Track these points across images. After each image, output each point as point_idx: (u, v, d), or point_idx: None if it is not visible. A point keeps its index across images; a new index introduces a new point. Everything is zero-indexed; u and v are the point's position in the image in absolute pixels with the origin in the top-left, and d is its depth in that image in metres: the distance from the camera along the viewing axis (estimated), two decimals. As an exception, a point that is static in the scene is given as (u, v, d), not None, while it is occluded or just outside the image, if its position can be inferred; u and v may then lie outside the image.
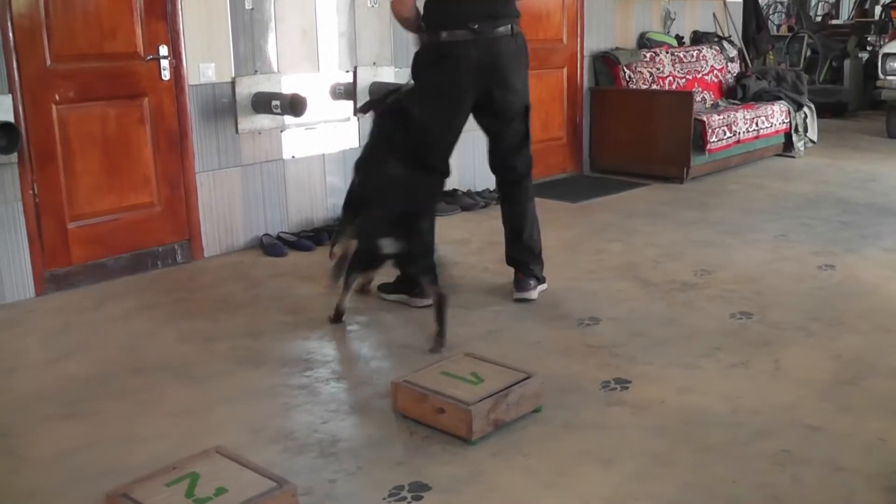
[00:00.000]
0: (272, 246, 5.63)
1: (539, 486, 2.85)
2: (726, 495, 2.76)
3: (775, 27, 12.82)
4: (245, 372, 3.80)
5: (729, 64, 9.32)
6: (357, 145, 6.18)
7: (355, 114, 5.79)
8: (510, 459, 3.02)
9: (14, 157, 4.65)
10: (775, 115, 8.38)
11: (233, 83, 5.53)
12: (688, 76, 8.66)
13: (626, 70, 8.08)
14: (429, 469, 2.96)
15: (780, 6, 13.68)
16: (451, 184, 6.27)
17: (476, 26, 4.23)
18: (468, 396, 3.15)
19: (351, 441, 3.17)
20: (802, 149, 8.77)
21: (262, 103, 5.55)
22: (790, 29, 12.73)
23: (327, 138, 6.11)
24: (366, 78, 5.97)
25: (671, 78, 8.48)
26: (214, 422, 3.36)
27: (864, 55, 11.98)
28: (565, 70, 7.95)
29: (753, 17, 10.76)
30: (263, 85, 5.66)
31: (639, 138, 7.60)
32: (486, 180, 7.22)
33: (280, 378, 3.73)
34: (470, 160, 7.04)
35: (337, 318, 4.34)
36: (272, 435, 3.22)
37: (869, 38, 12.36)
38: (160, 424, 3.34)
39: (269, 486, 2.63)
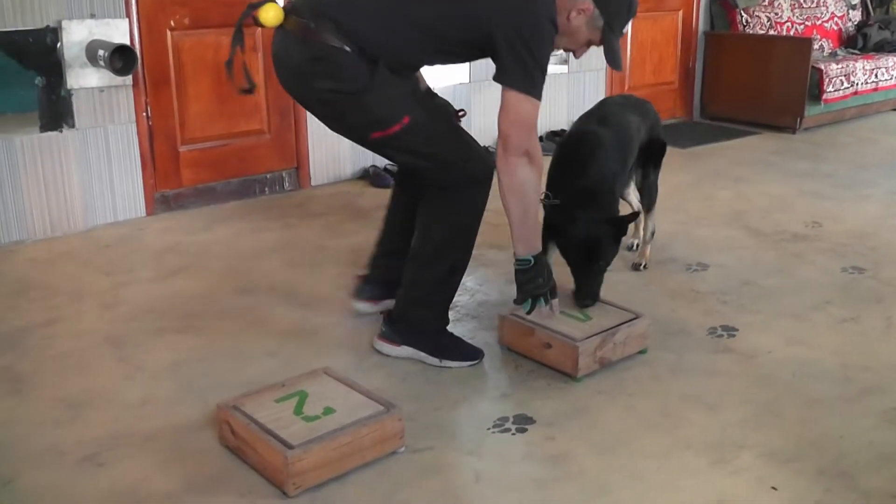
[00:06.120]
0: (378, 177, 5.65)
1: (642, 427, 2.83)
2: (833, 450, 2.71)
3: (900, -25, 12.32)
4: (350, 299, 3.83)
5: (850, 11, 8.98)
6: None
7: None
8: (614, 398, 3.01)
9: (129, 79, 4.73)
10: (896, 68, 8.08)
11: (345, 12, 5.51)
12: (807, 22, 8.38)
13: (743, 14, 7.85)
14: (533, 402, 2.96)
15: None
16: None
17: None
18: (576, 333, 3.14)
19: (456, 371, 3.19)
20: (923, 104, 8.45)
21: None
22: (916, -22, 12.23)
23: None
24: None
25: (789, 24, 8.21)
26: (320, 344, 3.41)
27: None
28: (680, 13, 7.74)
29: (878, -37, 10.36)
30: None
31: (753, 85, 7.41)
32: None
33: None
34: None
35: None
36: (377, 361, 3.26)
37: None
38: (268, 343, 3.41)
39: (376, 409, 2.66)
